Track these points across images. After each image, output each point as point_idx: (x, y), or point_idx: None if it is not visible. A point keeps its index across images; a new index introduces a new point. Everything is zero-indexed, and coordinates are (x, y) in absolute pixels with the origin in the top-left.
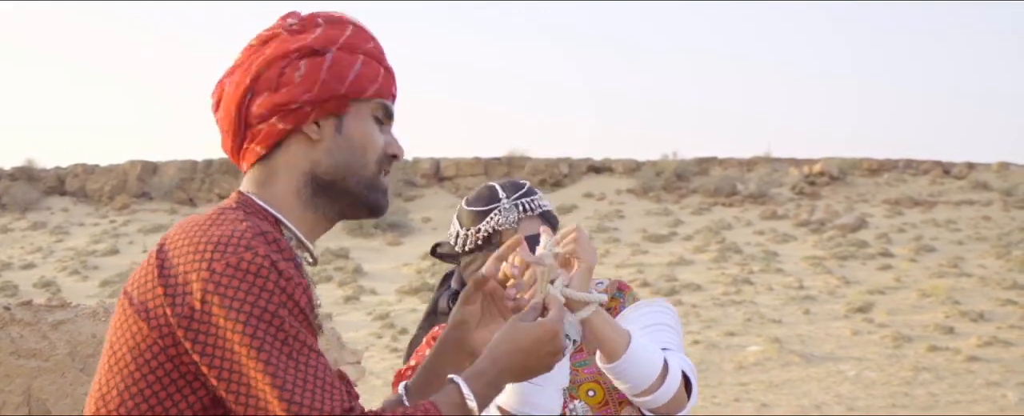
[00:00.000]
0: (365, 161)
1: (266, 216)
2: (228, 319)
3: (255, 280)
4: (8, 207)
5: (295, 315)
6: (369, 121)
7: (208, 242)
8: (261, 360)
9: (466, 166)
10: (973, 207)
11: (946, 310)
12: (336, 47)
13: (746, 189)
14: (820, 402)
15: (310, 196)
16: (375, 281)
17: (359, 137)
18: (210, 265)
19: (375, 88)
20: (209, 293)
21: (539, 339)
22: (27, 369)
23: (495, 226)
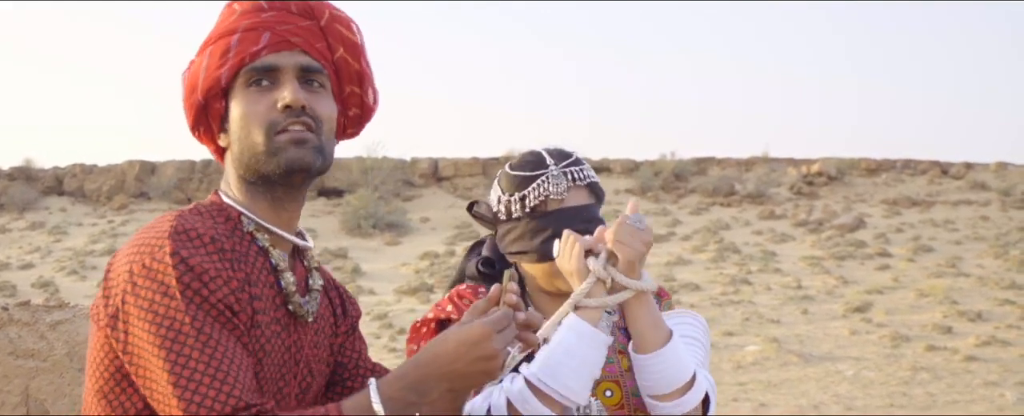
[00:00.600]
0: (251, 139)
1: (230, 212)
2: (138, 319)
3: (162, 280)
4: (6, 207)
5: (202, 308)
6: (244, 98)
7: (136, 246)
8: (165, 359)
9: (464, 166)
10: (971, 207)
11: (944, 310)
12: (191, 60)
13: (744, 189)
14: (818, 402)
15: (248, 188)
16: (373, 281)
17: (236, 121)
18: (131, 267)
19: (226, 70)
20: (127, 294)
21: (464, 341)
22: (25, 369)
23: (543, 194)
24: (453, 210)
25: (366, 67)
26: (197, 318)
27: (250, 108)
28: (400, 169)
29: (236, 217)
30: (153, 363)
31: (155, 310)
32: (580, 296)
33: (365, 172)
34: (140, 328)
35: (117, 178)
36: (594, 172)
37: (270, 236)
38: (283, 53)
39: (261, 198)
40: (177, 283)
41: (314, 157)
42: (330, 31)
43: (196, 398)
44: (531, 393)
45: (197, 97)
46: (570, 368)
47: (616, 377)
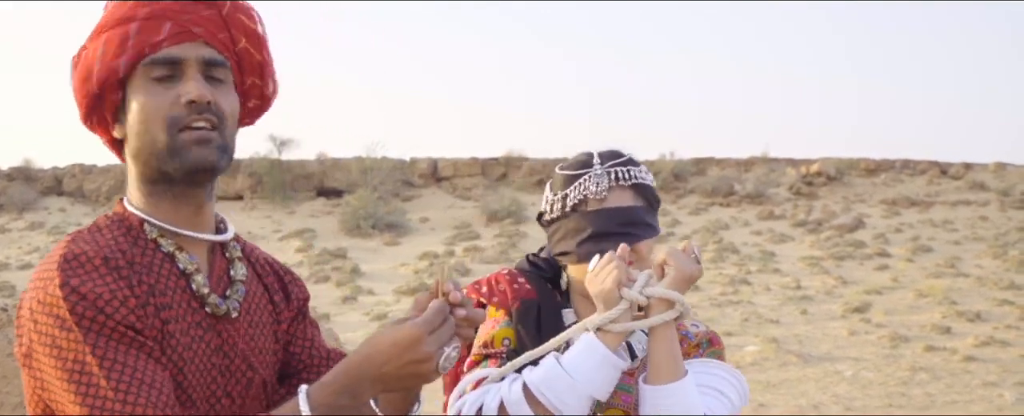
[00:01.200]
0: (152, 136)
1: (132, 221)
2: (45, 355)
3: (57, 313)
4: (5, 207)
5: (102, 333)
6: (144, 91)
7: (35, 279)
8: (75, 393)
9: (463, 166)
10: (970, 207)
11: (943, 310)
12: (83, 44)
13: (743, 189)
14: (817, 402)
15: (149, 187)
16: (372, 281)
17: (135, 115)
18: (30, 304)
19: (125, 60)
20: (32, 332)
21: (396, 343)
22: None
23: (583, 192)
24: (452, 210)
25: (268, 57)
26: (98, 345)
27: (151, 103)
28: (399, 169)
29: (138, 225)
30: (65, 398)
31: (57, 344)
32: (606, 320)
33: (364, 172)
34: (48, 365)
35: (116, 178)
36: (648, 175)
37: (176, 238)
38: (185, 44)
39: (163, 197)
40: (71, 315)
41: (219, 156)
42: (232, 20)
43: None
44: (525, 400)
45: (91, 87)
46: (570, 385)
47: (628, 408)
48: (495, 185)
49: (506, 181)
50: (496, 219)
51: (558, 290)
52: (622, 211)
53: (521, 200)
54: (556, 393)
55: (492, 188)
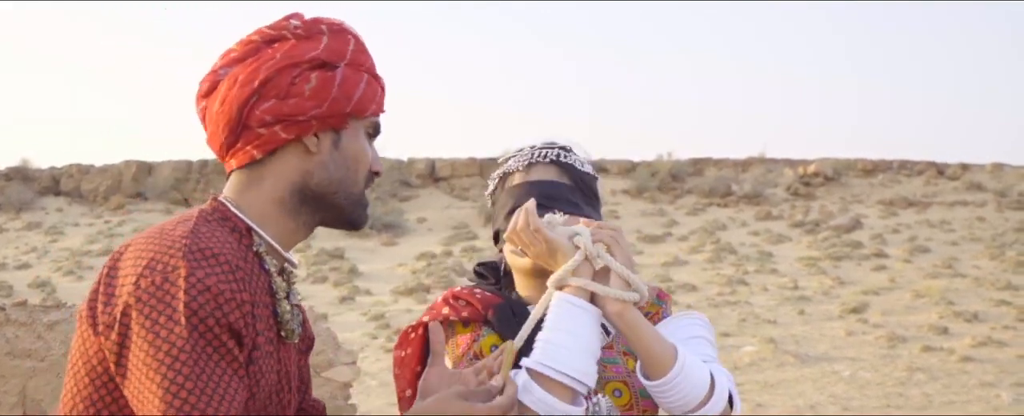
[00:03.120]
0: (356, 178)
1: (237, 225)
2: (140, 337)
3: (170, 302)
4: (3, 207)
5: (207, 340)
6: (363, 138)
7: (147, 256)
8: (159, 384)
9: (461, 166)
10: (967, 208)
11: (940, 310)
12: (345, 63)
13: (741, 190)
14: (815, 402)
15: (296, 205)
16: (370, 282)
17: (354, 154)
18: (138, 280)
19: (374, 108)
20: (130, 307)
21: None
22: (22, 370)
23: (506, 168)
24: (450, 210)
25: None
26: (197, 347)
27: (365, 153)
28: (397, 169)
29: (244, 231)
30: (146, 384)
31: (157, 331)
32: (565, 273)
33: None
34: (139, 347)
35: (114, 178)
36: (589, 166)
37: (275, 258)
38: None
39: (290, 220)
40: (185, 308)
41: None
42: None
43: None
44: (535, 383)
45: (343, 105)
46: (568, 347)
47: (624, 377)
48: None
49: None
50: None
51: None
52: (541, 183)
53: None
54: (561, 362)
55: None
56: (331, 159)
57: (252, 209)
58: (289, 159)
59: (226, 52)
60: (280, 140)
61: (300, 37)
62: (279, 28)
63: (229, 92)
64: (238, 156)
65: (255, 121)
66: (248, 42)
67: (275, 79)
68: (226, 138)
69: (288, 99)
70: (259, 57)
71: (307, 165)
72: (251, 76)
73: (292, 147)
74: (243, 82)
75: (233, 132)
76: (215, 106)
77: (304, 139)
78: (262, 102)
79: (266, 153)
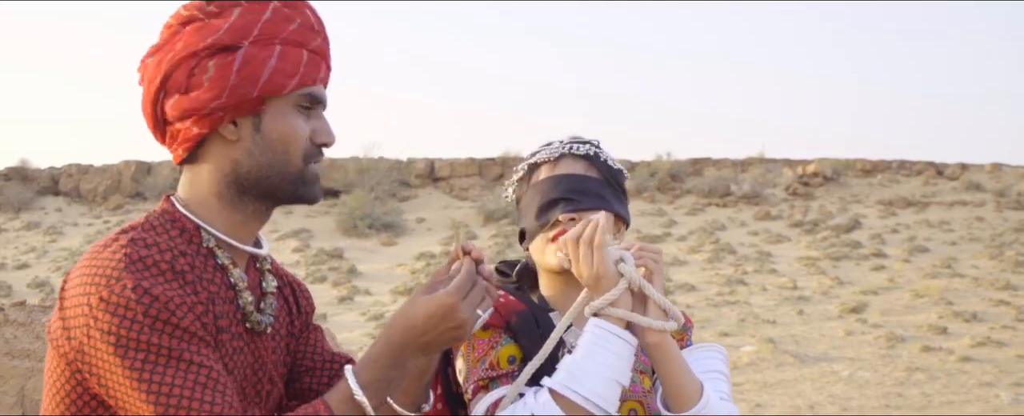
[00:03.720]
0: (288, 158)
1: (185, 225)
2: (107, 352)
3: (124, 312)
4: (2, 207)
5: (175, 336)
6: (291, 115)
7: (90, 275)
8: (147, 392)
9: (460, 167)
10: (966, 208)
11: (939, 310)
12: (249, 40)
13: (740, 190)
14: (814, 402)
15: (235, 196)
16: (369, 281)
17: (279, 135)
18: (89, 300)
19: (295, 81)
20: (91, 328)
21: (433, 315)
22: (21, 370)
23: (537, 158)
24: (449, 210)
25: None
26: (170, 345)
27: (294, 130)
28: (396, 169)
29: (193, 230)
30: (133, 396)
31: (126, 344)
32: (604, 304)
33: (361, 172)
34: (113, 363)
35: (113, 178)
36: (611, 158)
37: (230, 251)
38: (323, 87)
39: (236, 211)
40: (144, 316)
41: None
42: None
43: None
44: (556, 405)
45: (246, 87)
46: (598, 374)
47: (640, 397)
48: (492, 185)
49: (503, 181)
50: (493, 219)
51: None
52: (571, 176)
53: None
54: (587, 388)
55: (489, 188)
56: (255, 145)
57: (200, 207)
58: (215, 152)
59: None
60: (195, 136)
61: (211, 15)
62: (192, 8)
63: (145, 86)
64: (174, 153)
65: (170, 117)
66: (167, 26)
67: (175, 73)
68: (154, 135)
69: (189, 92)
70: (168, 47)
71: (233, 154)
72: (156, 71)
73: (213, 139)
74: (150, 78)
75: (156, 129)
76: (140, 99)
77: (221, 130)
78: (168, 98)
79: (189, 151)
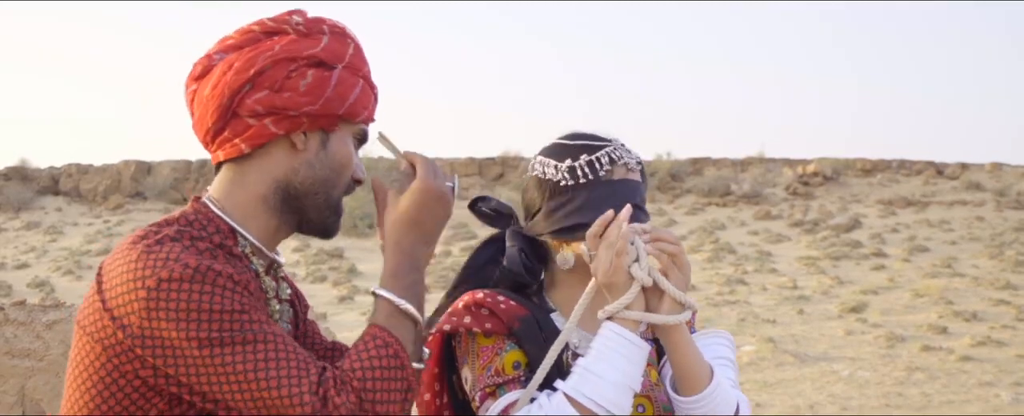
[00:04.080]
0: (339, 182)
1: (220, 226)
2: (178, 330)
3: (190, 286)
4: (2, 207)
5: (244, 300)
6: (350, 143)
7: (137, 262)
8: (220, 358)
9: (460, 166)
10: (966, 207)
11: (939, 310)
12: (342, 65)
13: (740, 189)
14: (814, 402)
15: (278, 203)
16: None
17: (340, 157)
18: (144, 283)
19: (365, 114)
20: (151, 310)
21: (417, 202)
22: (21, 369)
23: (616, 160)
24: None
25: None
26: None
27: (351, 158)
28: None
29: (227, 231)
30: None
31: (192, 316)
32: (619, 308)
33: None
34: (182, 338)
35: (113, 178)
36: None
37: (261, 259)
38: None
39: (273, 218)
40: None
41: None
42: None
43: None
44: (571, 407)
45: (336, 106)
46: (611, 380)
47: (647, 391)
48: (492, 185)
49: (503, 181)
50: None
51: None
52: (640, 186)
53: (518, 200)
54: (599, 394)
55: (489, 188)
56: (318, 159)
57: (236, 209)
58: (276, 155)
59: (223, 38)
60: (269, 134)
61: (301, 33)
62: (280, 21)
63: (222, 77)
64: (225, 148)
65: (246, 110)
66: (247, 31)
67: (271, 70)
68: (214, 124)
69: (282, 92)
70: (257, 47)
71: (293, 163)
72: (247, 64)
73: (280, 143)
74: (238, 69)
75: (222, 118)
76: (206, 90)
77: (292, 136)
78: (255, 91)
79: (254, 147)
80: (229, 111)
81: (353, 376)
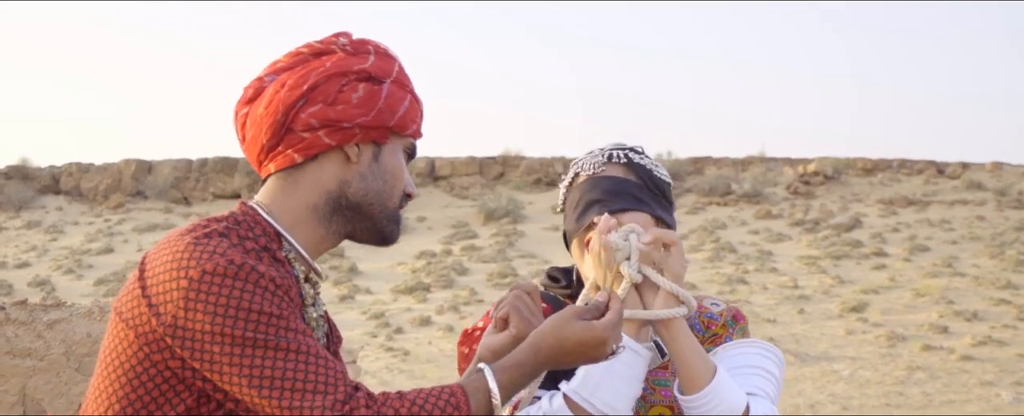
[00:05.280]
0: (393, 193)
1: (266, 230)
2: (213, 324)
3: (233, 282)
4: (2, 206)
5: (283, 305)
6: (401, 156)
7: (184, 252)
8: (249, 359)
9: (461, 165)
10: (967, 207)
11: (940, 310)
12: (391, 80)
13: (741, 189)
14: (815, 401)
15: (328, 213)
16: (370, 280)
17: (392, 170)
18: (187, 273)
19: (414, 128)
20: (190, 300)
21: (583, 342)
22: (22, 368)
23: (579, 167)
24: (449, 209)
25: None
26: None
27: (401, 170)
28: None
29: (273, 235)
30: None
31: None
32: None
33: None
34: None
35: (113, 177)
36: (652, 162)
37: (303, 266)
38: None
39: (321, 227)
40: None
41: None
42: None
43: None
44: (569, 409)
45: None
46: (610, 384)
47: (671, 402)
48: (492, 184)
49: (503, 180)
50: (493, 218)
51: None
52: (608, 179)
53: (518, 199)
54: (599, 398)
55: (489, 187)
56: (370, 171)
57: (285, 215)
58: (328, 166)
59: (273, 62)
60: (323, 145)
61: (348, 53)
62: (328, 43)
63: (276, 95)
64: (277, 160)
65: (300, 125)
66: (296, 54)
67: (324, 85)
68: (268, 140)
69: (335, 105)
70: (308, 66)
71: (345, 174)
72: (300, 81)
73: (332, 154)
74: (292, 86)
75: (276, 135)
76: (259, 110)
77: (345, 147)
78: (309, 106)
79: (307, 157)
80: (284, 127)
81: (400, 406)
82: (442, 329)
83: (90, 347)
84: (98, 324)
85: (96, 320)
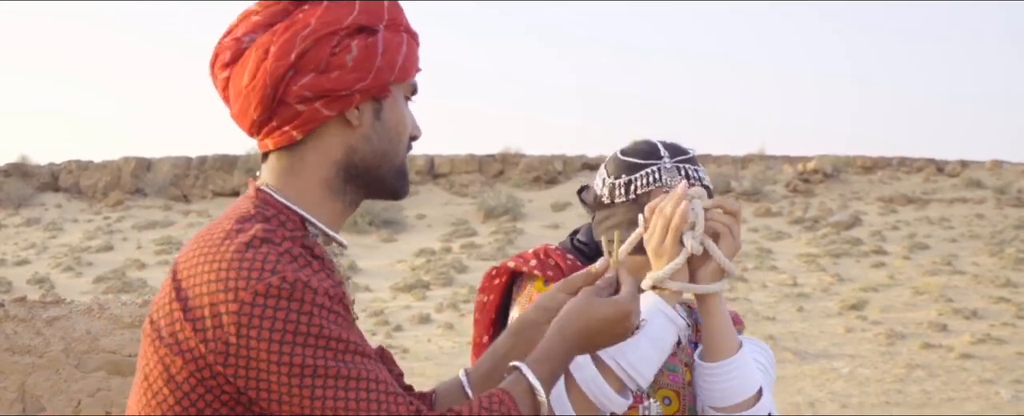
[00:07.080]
0: (399, 147)
1: (290, 215)
2: (269, 351)
3: (288, 304)
4: (2, 203)
5: (340, 324)
6: (402, 103)
7: (229, 268)
8: (309, 389)
9: (460, 163)
10: (966, 205)
11: (939, 307)
12: (383, 24)
13: (740, 187)
14: (814, 399)
15: (341, 184)
16: (369, 278)
17: (396, 123)
18: (237, 295)
19: (415, 69)
20: (243, 326)
21: (609, 318)
22: (21, 366)
23: (652, 183)
24: (449, 207)
25: None
26: (334, 337)
27: (405, 119)
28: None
29: (297, 221)
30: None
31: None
32: (667, 273)
33: None
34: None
35: (113, 174)
36: (708, 177)
37: (327, 241)
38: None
39: (337, 200)
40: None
41: None
42: None
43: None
44: (593, 363)
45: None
46: (641, 349)
47: (678, 388)
48: (492, 182)
49: (503, 178)
50: (493, 216)
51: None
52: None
53: (518, 197)
54: (626, 360)
55: (489, 185)
56: (373, 131)
57: (300, 196)
58: (331, 136)
59: (245, 14)
60: (322, 118)
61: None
62: None
63: (260, 65)
64: (274, 137)
65: (292, 97)
66: (270, 3)
67: (313, 50)
68: (259, 116)
69: (329, 72)
70: (290, 24)
71: (350, 140)
72: (285, 48)
73: (333, 123)
74: (277, 55)
75: (267, 109)
76: (244, 79)
77: (346, 113)
78: (300, 77)
79: (306, 133)
80: (274, 100)
81: None
82: (441, 327)
83: (89, 344)
84: (97, 321)
85: (95, 317)
